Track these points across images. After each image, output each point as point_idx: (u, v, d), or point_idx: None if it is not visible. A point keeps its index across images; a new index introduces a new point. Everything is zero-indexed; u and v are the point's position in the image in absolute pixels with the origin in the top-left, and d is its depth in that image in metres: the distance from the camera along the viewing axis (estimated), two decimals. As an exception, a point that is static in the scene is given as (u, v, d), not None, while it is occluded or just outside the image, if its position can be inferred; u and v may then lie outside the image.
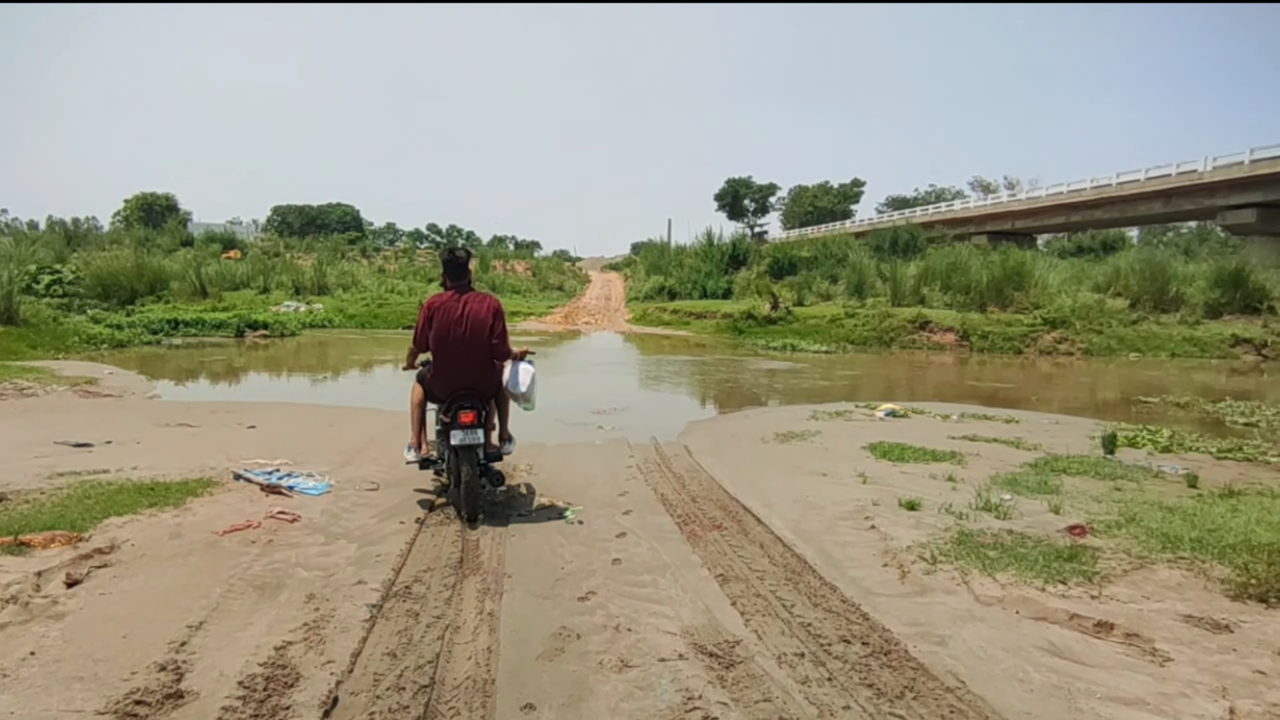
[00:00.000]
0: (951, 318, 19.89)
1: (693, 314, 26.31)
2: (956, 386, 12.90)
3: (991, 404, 10.18)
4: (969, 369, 15.71)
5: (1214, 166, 31.56)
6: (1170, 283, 20.28)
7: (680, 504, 4.95)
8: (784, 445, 6.98)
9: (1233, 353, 17.42)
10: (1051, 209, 40.16)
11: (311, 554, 3.83)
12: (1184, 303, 19.92)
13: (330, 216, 66.04)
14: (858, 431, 7.59)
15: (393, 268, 39.62)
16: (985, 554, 3.83)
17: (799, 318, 22.05)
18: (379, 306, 26.58)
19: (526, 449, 6.70)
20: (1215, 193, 31.73)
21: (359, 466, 5.79)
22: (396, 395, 9.92)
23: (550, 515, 4.65)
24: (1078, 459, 6.14)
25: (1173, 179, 33.36)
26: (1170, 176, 33.51)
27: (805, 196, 73.85)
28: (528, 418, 6.07)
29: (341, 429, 7.46)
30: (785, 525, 4.45)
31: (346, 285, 30.51)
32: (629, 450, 6.75)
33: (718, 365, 14.99)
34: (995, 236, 41.17)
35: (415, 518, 4.50)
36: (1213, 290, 19.82)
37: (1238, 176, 30.48)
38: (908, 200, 69.61)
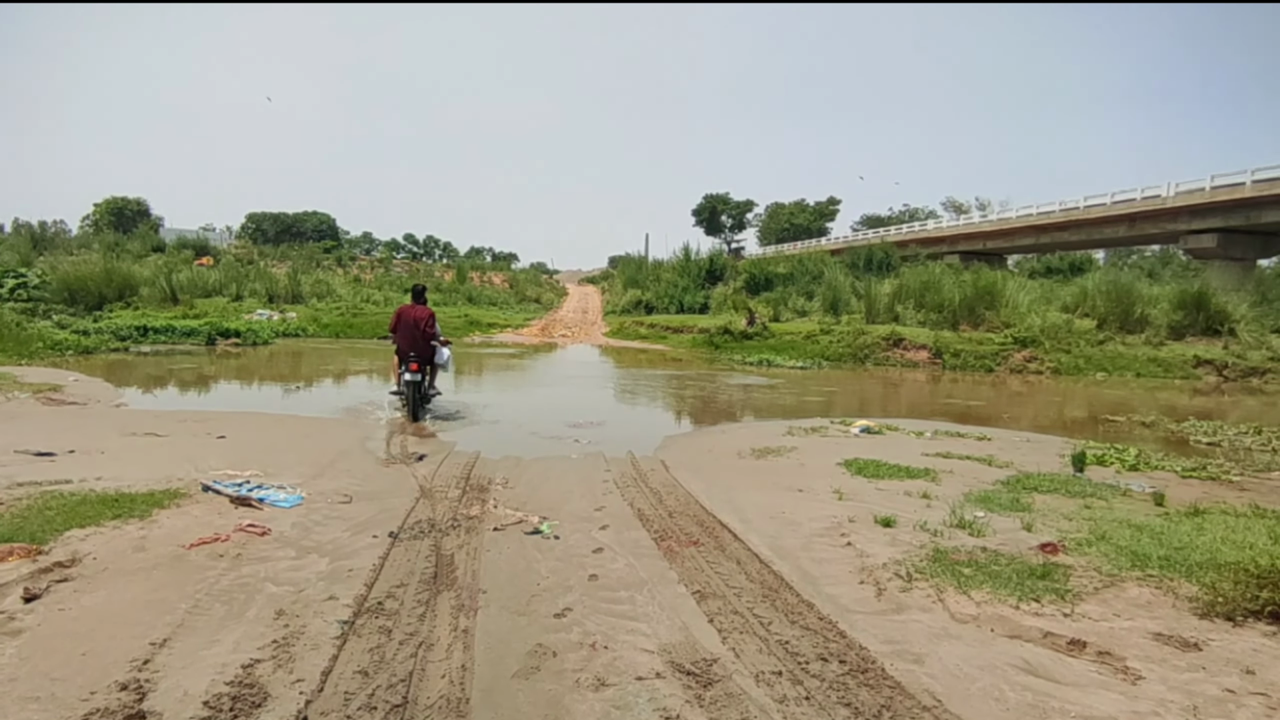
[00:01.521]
0: (925, 335, 20.15)
1: (670, 328, 26.36)
2: (930, 404, 13.05)
3: (964, 421, 10.31)
4: (942, 386, 15.90)
5: (1176, 191, 32.55)
6: (1135, 304, 20.75)
7: (657, 519, 4.92)
8: (760, 461, 6.99)
9: (1195, 373, 17.86)
10: (1021, 230, 41.05)
11: (282, 568, 3.74)
12: (1148, 324, 20.39)
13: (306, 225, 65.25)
14: (833, 448, 7.62)
15: (368, 277, 39.18)
16: (960, 571, 3.86)
17: (775, 333, 22.18)
18: (354, 316, 26.28)
19: (501, 463, 6.67)
20: (1178, 217, 32.70)
21: (331, 478, 5.69)
22: (366, 409, 9.80)
23: (526, 530, 4.59)
24: (1048, 477, 6.23)
25: (1137, 203, 34.32)
26: (1135, 200, 34.48)
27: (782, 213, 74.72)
28: (502, 432, 8.11)
29: (314, 440, 7.33)
30: (762, 541, 4.45)
31: (321, 294, 30.11)
32: (605, 465, 6.71)
33: (694, 380, 15.01)
34: (967, 256, 41.95)
35: (389, 531, 4.42)
36: (1176, 312, 20.32)
37: (1199, 202, 31.45)
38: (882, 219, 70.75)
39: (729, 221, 77.46)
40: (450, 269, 48.22)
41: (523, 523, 4.75)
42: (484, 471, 6.26)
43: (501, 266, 56.94)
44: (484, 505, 5.14)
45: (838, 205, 74.40)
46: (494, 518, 4.85)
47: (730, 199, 76.22)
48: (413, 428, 8.43)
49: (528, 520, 4.79)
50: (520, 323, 31.69)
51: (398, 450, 7.09)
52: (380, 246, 71.02)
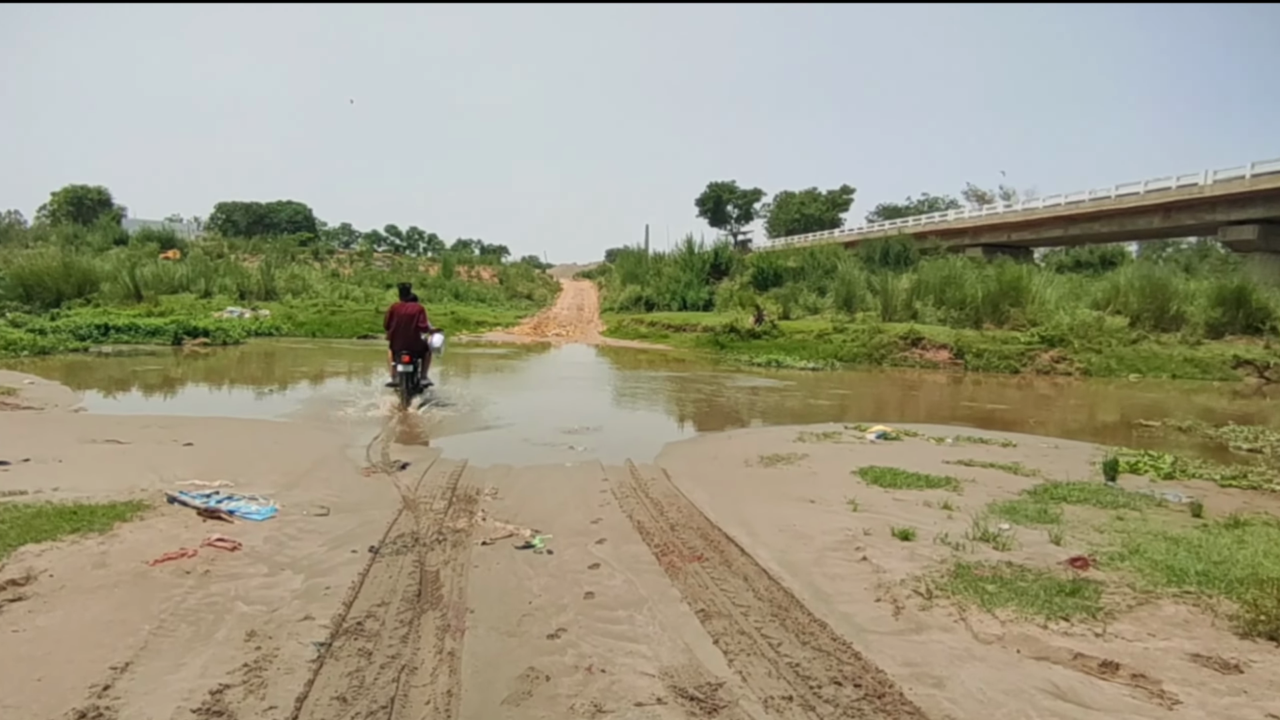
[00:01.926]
0: (945, 334, 20.17)
1: (671, 326, 26.40)
2: (950, 407, 13.05)
3: (987, 426, 10.32)
4: (963, 389, 15.90)
5: (1214, 180, 32.55)
6: (1171, 300, 20.78)
7: (658, 532, 4.92)
8: (769, 469, 6.99)
9: (1235, 374, 17.88)
10: (1049, 221, 41.09)
11: (253, 586, 3.74)
12: (1185, 321, 20.41)
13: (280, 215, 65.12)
14: (847, 455, 7.62)
15: (347, 272, 39.21)
16: (984, 588, 3.86)
17: (784, 332, 22.20)
18: (331, 314, 26.32)
19: (490, 472, 6.66)
20: (1216, 207, 32.71)
21: (307, 489, 5.68)
22: (346, 411, 9.79)
23: (517, 544, 4.58)
24: (1078, 486, 6.22)
25: (1172, 192, 34.34)
26: (1170, 190, 34.49)
27: (791, 203, 74.66)
28: (492, 439, 8.23)
29: (288, 447, 7.31)
30: (771, 556, 4.44)
31: (296, 290, 30.12)
32: (602, 473, 6.70)
33: (698, 382, 15.02)
34: (990, 249, 42.01)
35: (369, 546, 4.41)
36: (1214, 309, 20.34)
37: (1239, 191, 31.46)
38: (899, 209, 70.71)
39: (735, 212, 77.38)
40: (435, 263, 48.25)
41: (513, 536, 4.74)
42: (472, 481, 6.24)
43: (491, 260, 57.00)
44: (472, 518, 5.12)
45: (851, 194, 74.33)
46: (482, 531, 4.84)
47: (736, 187, 76.17)
48: (400, 413, 9.52)
49: (519, 534, 4.78)
50: (511, 321, 31.71)
51: (379, 458, 7.07)
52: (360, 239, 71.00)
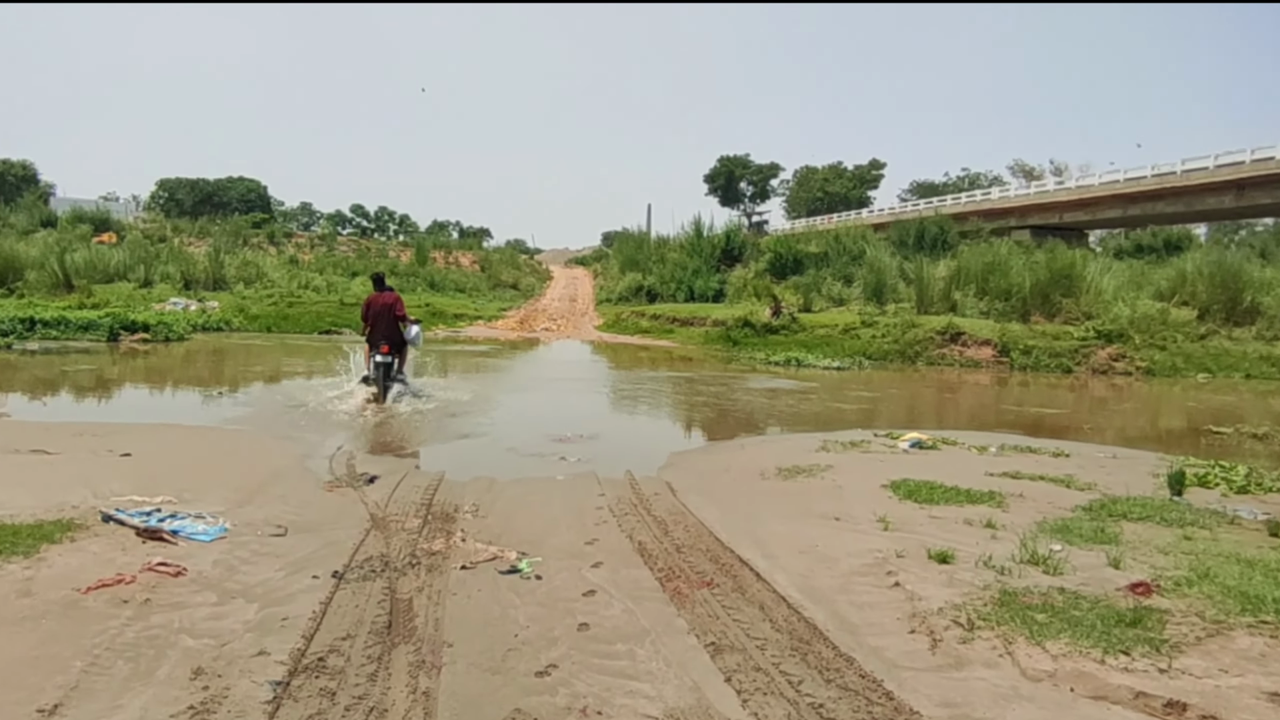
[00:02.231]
0: (988, 328, 20.20)
1: (677, 320, 26.44)
2: (994, 411, 13.06)
3: (1036, 433, 10.32)
4: (1009, 391, 15.89)
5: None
6: (1245, 290, 20.75)
7: (662, 555, 4.92)
8: (788, 482, 6.99)
9: (1318, 374, 17.86)
10: (1106, 200, 41.09)
11: (200, 617, 3.73)
12: (1260, 314, 20.38)
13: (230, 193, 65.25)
14: (877, 466, 7.62)
15: (307, 258, 39.27)
16: (1032, 617, 3.86)
17: (806, 326, 22.25)
18: (289, 306, 26.39)
19: (471, 485, 6.66)
20: (1296, 184, 32.70)
21: (262, 506, 5.68)
22: (307, 416, 9.80)
23: (501, 568, 4.58)
24: (1139, 501, 6.21)
25: (1246, 167, 34.32)
26: (1243, 164, 34.47)
27: (814, 180, 74.81)
28: (472, 448, 8.40)
29: (240, 458, 7.31)
30: (790, 581, 4.44)
31: (249, 279, 30.19)
32: (599, 488, 6.70)
33: (707, 383, 15.04)
34: (1040, 231, 42.01)
35: (332, 571, 4.42)
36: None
37: (1323, 166, 31.44)
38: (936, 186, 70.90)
39: (749, 189, 77.54)
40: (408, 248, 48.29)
41: (497, 559, 4.73)
42: (450, 496, 6.24)
43: (471, 245, 57.06)
44: (450, 538, 5.12)
45: (881, 170, 74.55)
46: (462, 553, 4.83)
47: (750, 162, 76.31)
48: (375, 406, 10.24)
49: (503, 556, 4.78)
50: (494, 314, 31.76)
51: (343, 470, 7.08)
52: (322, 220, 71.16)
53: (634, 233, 48.40)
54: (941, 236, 31.58)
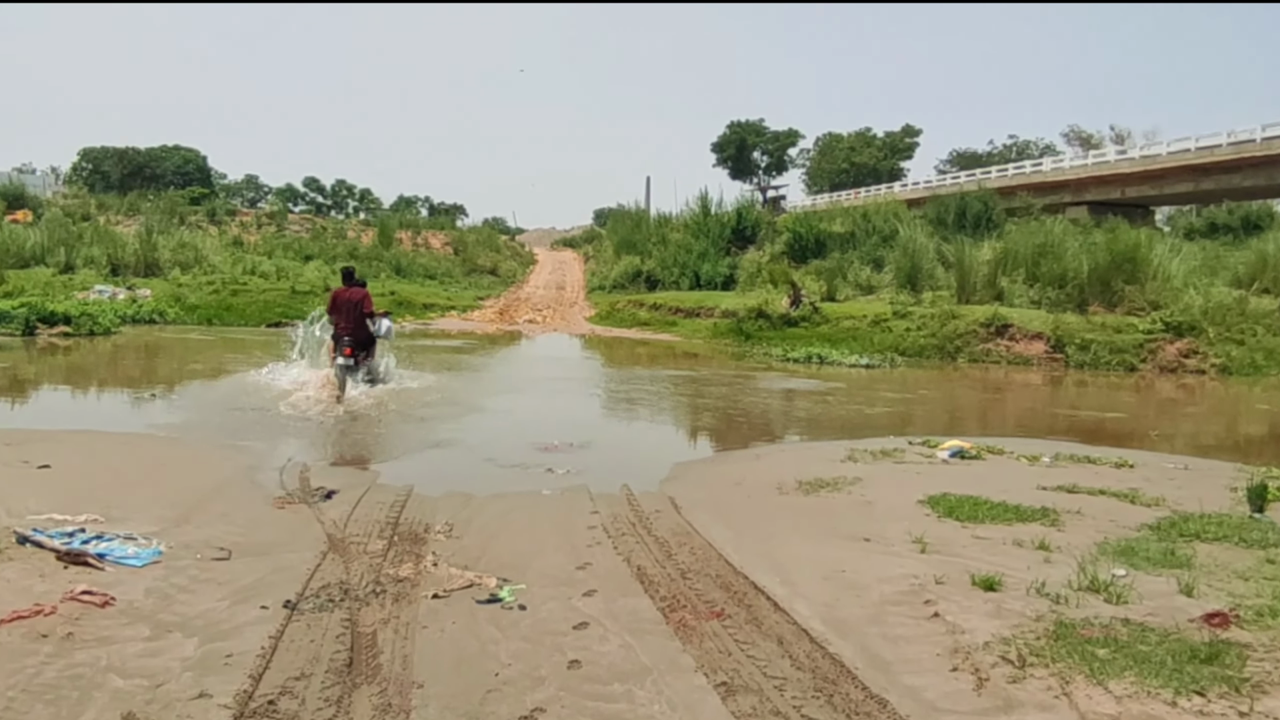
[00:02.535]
0: (1039, 320, 20.19)
1: (681, 310, 26.43)
2: (1047, 416, 13.06)
3: (1096, 441, 10.32)
4: (1064, 391, 15.89)
5: (1394, 118, 32.51)
6: (1337, 276, 20.76)
7: (665, 582, 4.91)
8: (810, 498, 6.99)
9: None
10: (1175, 172, 41.06)
11: (131, 654, 3.72)
12: (1356, 304, 20.36)
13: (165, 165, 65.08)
14: (913, 479, 7.63)
15: (253, 239, 39.26)
16: (1093, 653, 3.85)
17: (829, 317, 22.22)
18: (233, 294, 26.36)
19: (444, 501, 6.67)
20: (1395, 153, 32.68)
21: (202, 525, 5.66)
22: (252, 420, 9.78)
23: (479, 597, 4.58)
24: (1215, 519, 6.21)
25: (1338, 134, 34.29)
26: (1335, 130, 34.45)
27: (838, 149, 74.81)
28: (445, 459, 8.55)
29: (177, 470, 7.29)
30: (813, 612, 4.43)
31: (186, 263, 30.12)
32: (591, 504, 6.70)
33: (716, 383, 15.05)
34: (1099, 208, 41.92)
35: (284, 600, 4.41)
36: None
37: None
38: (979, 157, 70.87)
39: (764, 160, 77.41)
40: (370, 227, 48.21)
41: (474, 586, 4.73)
42: (419, 514, 6.23)
43: (443, 224, 57.03)
44: (419, 562, 5.11)
45: (916, 137, 74.49)
46: (433, 580, 4.83)
47: (765, 128, 76.18)
48: (334, 403, 10.74)
49: (481, 583, 4.77)
50: (469, 303, 31.76)
51: (296, 484, 7.07)
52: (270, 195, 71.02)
53: (631, 210, 48.42)
54: (986, 214, 31.44)
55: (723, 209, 36.65)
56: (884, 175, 68.17)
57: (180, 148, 68.24)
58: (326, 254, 36.90)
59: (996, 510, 6.40)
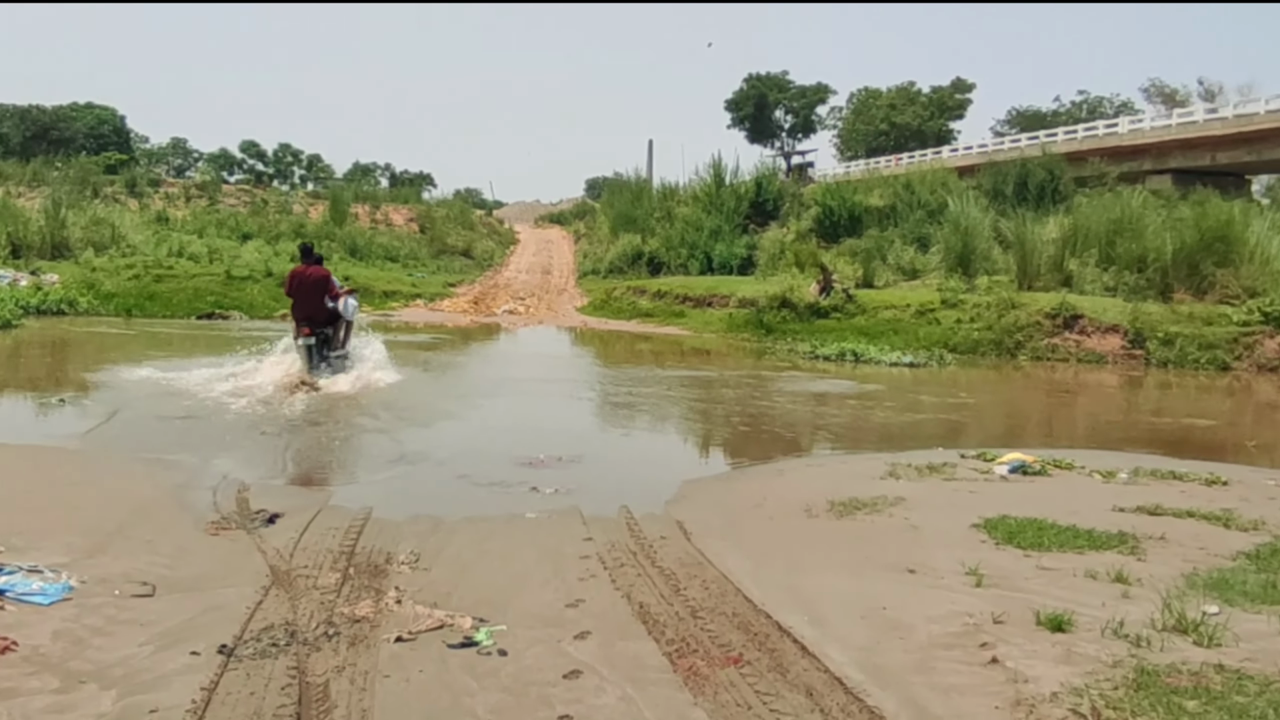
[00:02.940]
0: (1115, 310, 20.13)
1: (689, 299, 26.33)
2: (1124, 424, 13.00)
3: (1182, 453, 10.30)
4: (1144, 394, 15.86)
5: None
6: None
7: (672, 621, 4.88)
8: (844, 521, 6.97)
9: None
10: (1276, 134, 41.00)
11: (37, 709, 3.69)
12: None
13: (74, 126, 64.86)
14: (965, 499, 7.60)
15: (181, 214, 39.13)
16: (1180, 705, 3.83)
17: (865, 307, 22.15)
18: (156, 281, 26.27)
19: (408, 526, 6.65)
20: None
21: (121, 556, 5.63)
22: (182, 429, 9.77)
23: (451, 640, 4.55)
24: (1326, 546, 6.19)
25: None
26: None
27: (875, 107, 74.66)
28: (410, 475, 8.61)
29: (92, 490, 7.24)
30: (849, 657, 4.40)
31: (102, 243, 29.96)
32: (584, 528, 6.68)
33: (732, 385, 15.01)
34: (1185, 177, 41.76)
35: (219, 645, 4.38)
36: None
37: None
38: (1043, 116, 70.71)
39: (788, 120, 77.30)
40: (320, 200, 48.04)
41: (445, 628, 4.70)
42: (379, 541, 6.20)
43: (407, 196, 56.70)
44: (380, 599, 5.09)
45: (968, 93, 74.32)
46: (397, 620, 4.81)
47: (789, 83, 76.03)
48: (303, 389, 11.72)
49: (454, 624, 4.75)
50: (438, 290, 31.69)
51: (234, 505, 7.05)
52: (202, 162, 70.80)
53: (631, 180, 48.22)
54: (1051, 184, 31.32)
55: (739, 178, 36.58)
56: (930, 138, 68.00)
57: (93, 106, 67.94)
58: (268, 232, 36.84)
59: (1065, 536, 6.39)
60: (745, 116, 76.08)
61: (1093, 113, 67.45)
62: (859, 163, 61.04)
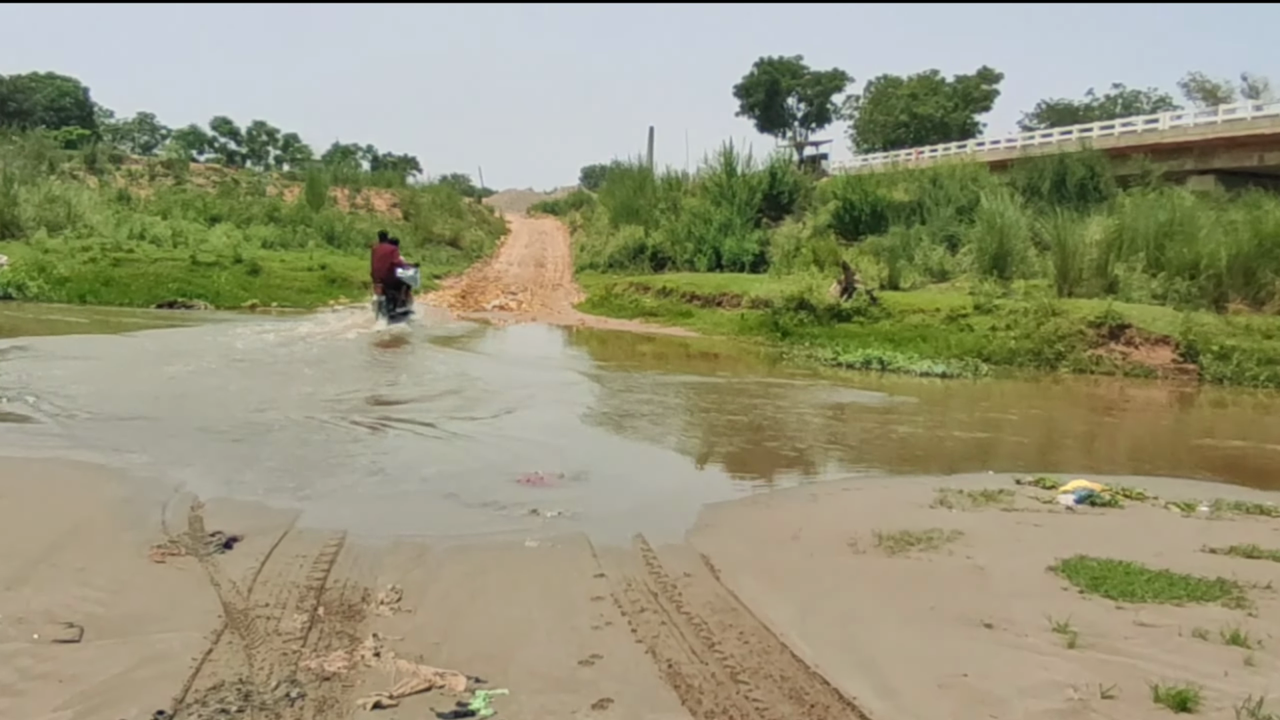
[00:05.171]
0: (1165, 319, 19.95)
1: (698, 297, 26.39)
2: (1185, 446, 12.87)
3: (1264, 483, 10.09)
4: (1202, 412, 15.81)
5: None
6: None
7: (708, 686, 4.53)
8: (897, 560, 6.69)
9: None
10: (1330, 133, 40.94)
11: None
12: None
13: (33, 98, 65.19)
14: (1031, 534, 7.39)
15: (145, 193, 39.27)
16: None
17: (891, 310, 22.10)
18: (114, 265, 26.39)
19: (389, 555, 6.38)
20: None
21: (45, 587, 5.32)
22: (130, 433, 9.47)
23: (441, 708, 4.20)
24: None
25: None
26: None
27: (895, 97, 75.13)
28: (389, 492, 8.27)
29: (13, 503, 6.98)
30: (928, 741, 4.03)
31: (57, 223, 30.14)
32: (594, 562, 6.39)
33: (748, 394, 14.89)
34: (1230, 178, 41.85)
35: (155, 710, 3.98)
36: None
37: None
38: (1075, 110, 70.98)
39: (801, 108, 77.74)
40: (296, 182, 47.92)
41: (435, 690, 4.39)
42: (354, 573, 5.89)
43: (390, 180, 57.00)
44: (354, 649, 4.77)
45: (996, 84, 74.70)
46: (375, 678, 4.49)
47: (803, 69, 76.65)
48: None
49: (444, 684, 4.42)
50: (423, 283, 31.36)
51: (185, 525, 6.69)
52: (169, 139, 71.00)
53: (632, 168, 48.17)
54: (1092, 181, 31.27)
55: (752, 168, 36.55)
56: (954, 131, 68.35)
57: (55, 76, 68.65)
58: (239, 215, 36.83)
59: (1158, 583, 6.11)
60: (755, 104, 76.76)
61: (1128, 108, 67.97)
62: (877, 155, 61.30)
